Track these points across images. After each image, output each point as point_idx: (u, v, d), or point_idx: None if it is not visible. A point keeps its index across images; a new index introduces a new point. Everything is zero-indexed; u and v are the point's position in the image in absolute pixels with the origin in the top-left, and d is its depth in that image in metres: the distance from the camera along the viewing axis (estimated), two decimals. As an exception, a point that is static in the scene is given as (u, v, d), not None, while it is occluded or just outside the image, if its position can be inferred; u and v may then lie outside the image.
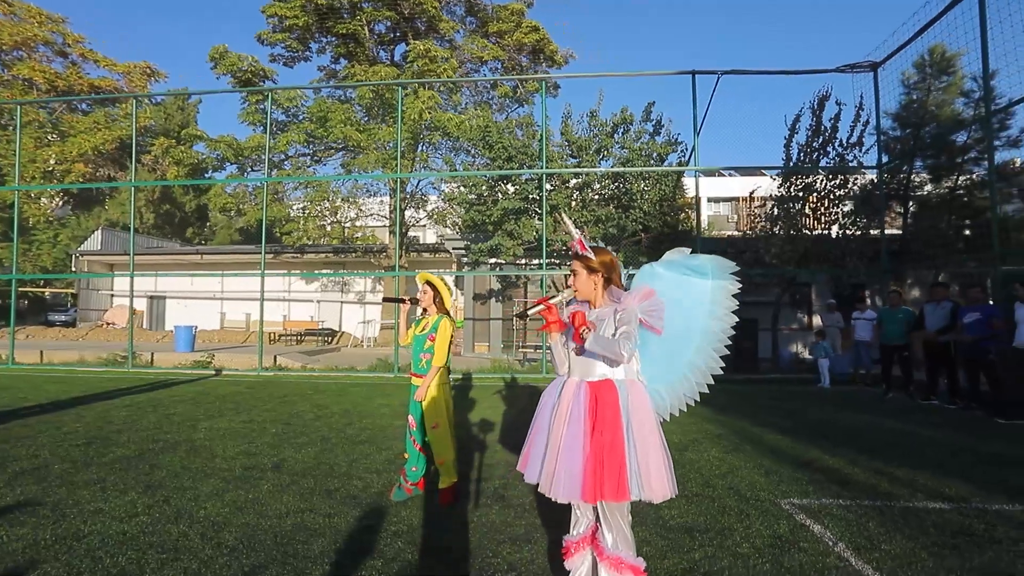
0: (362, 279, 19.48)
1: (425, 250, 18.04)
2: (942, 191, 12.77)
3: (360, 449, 4.77)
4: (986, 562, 2.71)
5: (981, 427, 6.17)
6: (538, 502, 3.46)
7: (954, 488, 3.85)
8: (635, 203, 11.53)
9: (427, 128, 14.16)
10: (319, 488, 3.69)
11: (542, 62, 18.09)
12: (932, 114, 12.68)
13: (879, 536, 2.99)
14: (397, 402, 7.30)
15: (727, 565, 2.61)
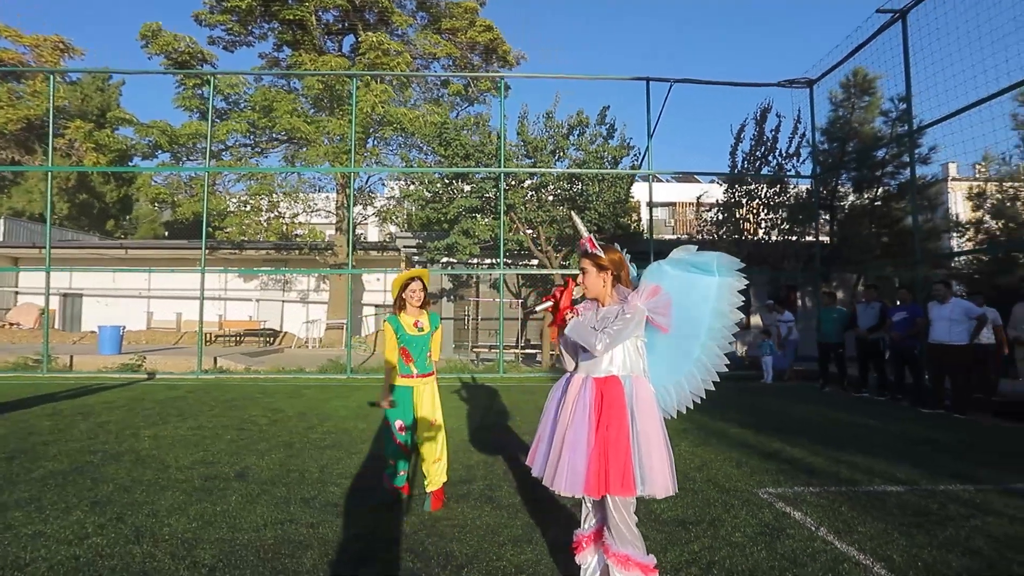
0: (305, 277, 18.65)
1: (372, 248, 17.53)
2: (864, 202, 13.88)
3: (329, 454, 4.53)
4: (948, 538, 2.93)
5: (909, 416, 6.74)
6: (528, 501, 3.42)
7: (903, 472, 4.17)
8: (590, 204, 11.72)
9: (379, 123, 13.75)
10: (294, 497, 3.47)
11: (494, 62, 18.06)
12: (855, 131, 13.77)
13: (853, 519, 3.17)
14: (354, 404, 7.03)
15: (726, 555, 2.68)
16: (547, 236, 12.25)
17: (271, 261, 18.13)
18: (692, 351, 2.28)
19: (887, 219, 13.53)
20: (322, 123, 13.43)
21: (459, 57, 16.74)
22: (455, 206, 11.29)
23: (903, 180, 12.74)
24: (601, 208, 11.93)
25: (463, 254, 11.41)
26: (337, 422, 5.89)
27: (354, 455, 4.51)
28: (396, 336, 3.40)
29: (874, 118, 13.86)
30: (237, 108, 14.08)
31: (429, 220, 11.86)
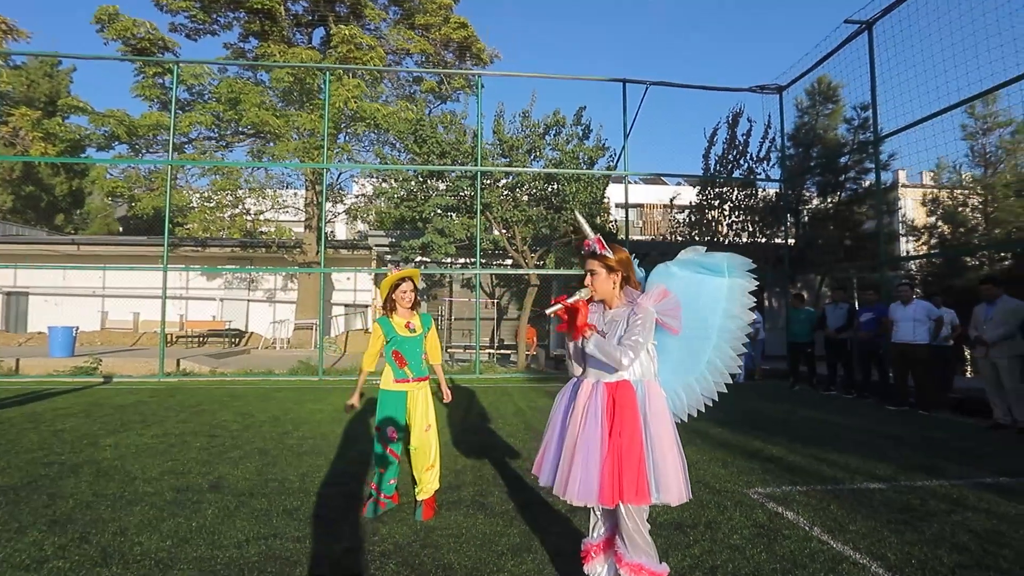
0: (272, 276, 18.06)
1: (342, 246, 17.11)
2: (827, 206, 14.36)
3: (308, 461, 4.35)
4: (935, 534, 3.00)
5: (876, 413, 6.98)
6: (521, 507, 3.34)
7: (882, 469, 4.28)
8: (567, 204, 11.72)
9: (351, 118, 13.40)
10: (276, 508, 3.29)
11: (468, 60, 17.91)
12: (820, 137, 14.24)
13: (843, 518, 3.21)
14: (330, 407, 6.80)
15: (728, 558, 2.66)
16: (522, 236, 12.20)
17: (236, 259, 17.48)
18: (703, 353, 2.24)
19: (849, 223, 14.04)
20: (291, 117, 13.00)
21: (432, 54, 16.51)
22: (430, 204, 11.10)
23: (864, 185, 13.23)
24: (577, 208, 11.96)
25: (438, 253, 11.24)
26: (313, 426, 5.68)
27: (335, 462, 4.34)
28: (387, 339, 3.28)
29: (837, 125, 14.35)
30: (201, 99, 13.48)
31: (403, 218, 11.62)
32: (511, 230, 12.18)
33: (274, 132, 12.93)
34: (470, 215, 12.92)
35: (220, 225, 15.94)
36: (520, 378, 10.53)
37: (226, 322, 16.48)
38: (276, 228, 14.87)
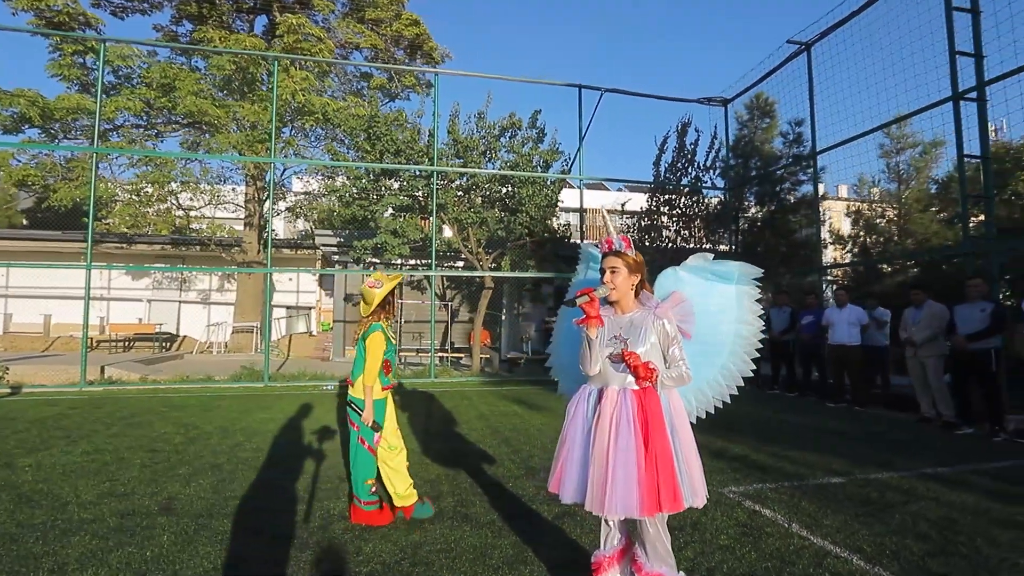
0: (206, 276, 16.92)
1: (285, 245, 16.30)
2: (764, 215, 15.20)
3: (268, 475, 4.04)
4: (899, 524, 3.18)
5: (818, 410, 7.42)
6: (507, 517, 3.25)
7: (836, 463, 4.52)
8: (523, 207, 11.71)
9: (298, 112, 12.77)
10: (241, 529, 3.02)
11: (419, 58, 17.59)
12: (757, 149, 15.07)
13: (816, 513, 3.35)
14: (282, 415, 6.41)
15: (721, 559, 2.69)
16: (477, 238, 12.08)
17: (166, 257, 16.22)
18: (717, 358, 2.25)
19: (784, 231, 14.92)
20: (232, 107, 12.21)
21: (382, 50, 16.08)
22: (384, 204, 10.76)
23: (798, 196, 14.11)
24: (532, 211, 11.97)
25: (392, 254, 10.92)
26: (267, 437, 5.31)
27: (298, 475, 4.06)
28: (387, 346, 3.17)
29: (773, 139, 15.25)
30: (129, 84, 12.39)
31: (355, 218, 11.19)
32: (465, 231, 12.03)
33: (212, 123, 12.09)
34: (423, 215, 12.66)
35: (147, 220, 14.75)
36: (476, 382, 10.41)
37: (155, 325, 15.23)
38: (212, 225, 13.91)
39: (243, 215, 15.03)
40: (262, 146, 12.27)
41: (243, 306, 15.15)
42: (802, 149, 13.02)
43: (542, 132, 12.14)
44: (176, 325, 16.81)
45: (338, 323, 14.17)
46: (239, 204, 14.93)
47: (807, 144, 12.69)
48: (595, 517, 3.13)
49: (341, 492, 3.66)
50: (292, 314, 17.35)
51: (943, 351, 6.49)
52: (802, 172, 13.57)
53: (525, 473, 4.17)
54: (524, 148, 11.79)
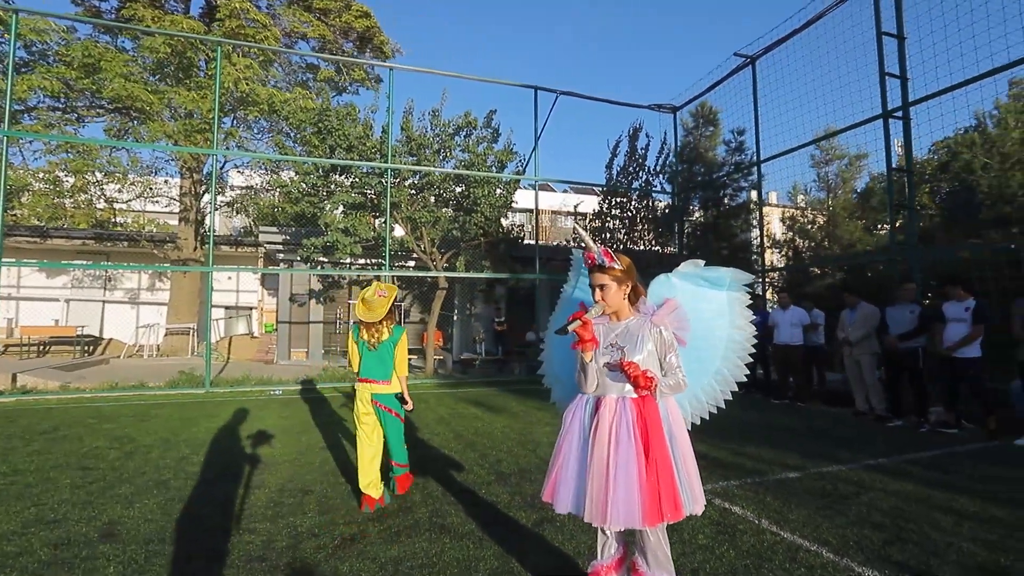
0: (134, 274, 15.66)
1: (225, 242, 15.36)
2: (708, 219, 15.88)
3: (222, 490, 3.77)
4: (856, 515, 3.37)
5: (764, 407, 7.79)
6: (485, 526, 3.18)
7: (790, 458, 4.75)
8: (477, 207, 11.62)
9: (241, 102, 12.05)
10: (200, 554, 2.78)
11: (368, 51, 17.10)
12: (701, 156, 15.72)
13: (781, 508, 3.49)
14: (230, 424, 6.02)
15: (703, 559, 2.75)
16: (430, 237, 11.88)
17: (88, 253, 14.86)
18: (711, 364, 2.28)
19: (726, 235, 15.65)
20: (167, 93, 11.34)
21: (331, 41, 15.49)
22: (335, 201, 10.36)
23: (738, 202, 14.82)
24: (487, 211, 11.90)
25: (343, 253, 10.53)
26: (216, 448, 4.96)
27: (257, 489, 3.81)
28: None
29: (716, 146, 15.96)
30: (45, 62, 11.23)
31: (303, 215, 10.71)
32: (419, 231, 11.79)
33: (144, 109, 11.18)
34: (375, 214, 12.30)
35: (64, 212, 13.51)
36: (430, 384, 10.23)
37: (76, 327, 13.92)
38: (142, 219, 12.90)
39: (178, 209, 14.02)
40: (201, 136, 11.49)
41: (177, 306, 14.15)
42: (743, 157, 13.69)
43: (497, 132, 12.10)
44: (99, 327, 15.46)
45: (283, 324, 13.52)
46: (173, 198, 13.92)
47: (748, 152, 13.37)
48: (579, 524, 3.13)
49: (307, 507, 3.47)
50: (232, 315, 16.39)
51: (875, 349, 6.98)
52: (743, 179, 14.26)
53: (496, 479, 4.11)
54: (479, 148, 11.70)
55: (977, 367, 5.73)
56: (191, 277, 14.11)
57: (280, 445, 5.12)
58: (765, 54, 9.95)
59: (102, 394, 8.13)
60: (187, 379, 8.74)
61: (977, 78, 6.81)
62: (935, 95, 7.35)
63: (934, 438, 5.74)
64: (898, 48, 7.80)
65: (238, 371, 10.46)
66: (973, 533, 3.09)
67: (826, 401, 8.15)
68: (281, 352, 13.55)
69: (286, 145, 11.96)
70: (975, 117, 12.44)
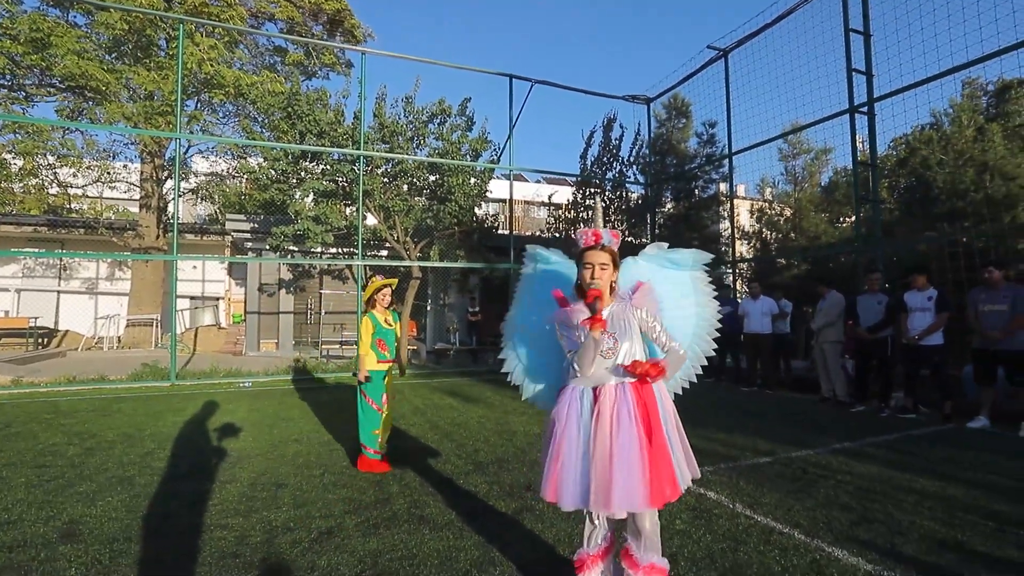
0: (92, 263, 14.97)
1: (190, 231, 14.81)
2: (680, 210, 16.11)
3: (190, 486, 3.65)
4: (824, 498, 3.48)
5: (734, 394, 7.99)
6: (464, 516, 3.16)
7: (760, 443, 4.88)
8: (451, 196, 11.49)
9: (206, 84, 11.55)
10: (170, 552, 2.68)
11: (338, 35, 16.65)
12: (674, 147, 15.90)
13: (753, 492, 3.58)
14: (198, 417, 5.83)
15: (682, 544, 2.79)
16: (404, 226, 11.70)
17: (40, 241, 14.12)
18: (683, 341, 2.29)
19: (697, 226, 15.92)
20: (124, 73, 10.79)
21: (300, 23, 15.01)
22: (305, 189, 10.09)
23: (709, 194, 15.08)
24: (461, 200, 11.77)
25: (313, 242, 10.28)
26: (184, 443, 4.80)
27: (228, 484, 3.70)
28: (375, 329, 4.19)
29: (688, 138, 16.16)
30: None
31: (272, 202, 10.39)
32: (392, 219, 11.60)
33: (99, 89, 10.61)
34: (347, 202, 12.04)
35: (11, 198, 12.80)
36: (406, 374, 10.11)
37: (28, 319, 13.23)
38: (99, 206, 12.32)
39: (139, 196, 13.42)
40: (162, 119, 10.99)
41: (139, 297, 13.61)
42: (715, 150, 13.90)
43: (471, 120, 11.95)
44: (55, 318, 14.76)
45: (251, 315, 13.18)
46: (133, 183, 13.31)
47: (720, 145, 13.58)
48: (559, 512, 3.14)
49: (281, 500, 3.39)
50: (198, 305, 15.86)
51: (839, 337, 7.22)
52: (714, 171, 14.51)
53: (474, 468, 4.10)
54: (453, 136, 11.54)
55: (941, 354, 5.98)
56: (154, 266, 13.58)
57: (251, 438, 4.99)
58: (738, 47, 10.08)
59: (59, 388, 7.77)
60: (151, 372, 8.43)
61: (937, 76, 7.06)
62: (899, 91, 7.58)
63: (894, 423, 5.97)
64: (864, 45, 8.00)
65: (205, 363, 10.15)
66: (933, 512, 3.23)
67: (792, 388, 8.40)
68: (250, 343, 13.22)
69: (254, 130, 11.54)
70: (932, 115, 12.89)
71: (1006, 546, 2.76)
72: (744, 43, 9.91)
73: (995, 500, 3.42)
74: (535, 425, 5.64)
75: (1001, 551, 2.70)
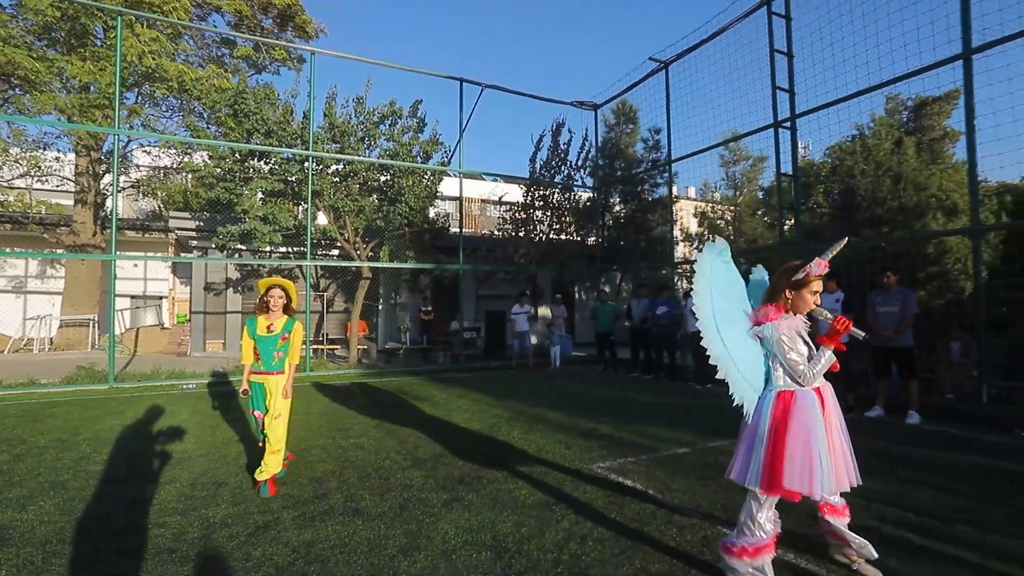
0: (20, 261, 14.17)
1: (130, 227, 14.25)
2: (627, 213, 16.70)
3: (127, 489, 3.70)
4: (728, 483, 3.85)
5: (669, 389, 8.49)
6: (398, 507, 3.37)
7: (683, 436, 5.30)
8: (402, 197, 11.58)
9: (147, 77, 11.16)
10: (106, 551, 2.78)
11: (290, 30, 16.37)
12: (621, 152, 16.48)
13: (666, 480, 3.95)
14: (138, 421, 5.78)
15: (592, 526, 3.10)
16: (354, 227, 11.71)
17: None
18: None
19: (643, 228, 16.56)
20: (57, 62, 10.31)
21: (248, 16, 14.69)
22: (253, 188, 9.97)
23: (655, 197, 15.71)
24: (412, 201, 11.87)
25: (261, 242, 10.18)
26: (122, 446, 4.79)
27: (167, 485, 3.78)
28: (251, 336, 3.80)
29: (635, 143, 16.77)
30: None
31: (218, 201, 10.20)
32: (342, 219, 11.59)
33: (28, 78, 10.10)
34: (296, 201, 11.93)
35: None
36: (354, 374, 10.19)
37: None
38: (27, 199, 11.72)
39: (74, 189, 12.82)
40: (99, 112, 10.58)
41: (74, 296, 13.01)
42: (659, 155, 14.52)
43: (422, 122, 12.06)
44: (-23, 319, 13.90)
45: (197, 314, 12.85)
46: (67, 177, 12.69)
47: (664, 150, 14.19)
48: (486, 501, 3.44)
49: (221, 499, 3.51)
50: (139, 305, 15.27)
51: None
52: (659, 176, 15.13)
53: (412, 464, 4.31)
54: (404, 137, 11.63)
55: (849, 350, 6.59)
56: (90, 264, 13.02)
57: (193, 440, 5.02)
58: (677, 60, 10.62)
59: (-16, 393, 7.45)
60: (87, 375, 8.17)
61: (855, 95, 7.72)
62: (819, 108, 8.24)
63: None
64: (788, 65, 8.63)
65: (147, 365, 9.89)
66: (816, 492, 3.67)
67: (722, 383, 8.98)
68: (196, 344, 12.89)
69: (199, 126, 11.25)
70: (856, 128, 13.92)
71: (867, 517, 3.22)
72: (683, 56, 10.46)
73: (870, 480, 3.91)
74: (476, 422, 5.90)
75: (862, 521, 3.14)
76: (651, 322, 9.79)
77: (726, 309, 2.57)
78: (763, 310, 2.53)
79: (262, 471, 3.67)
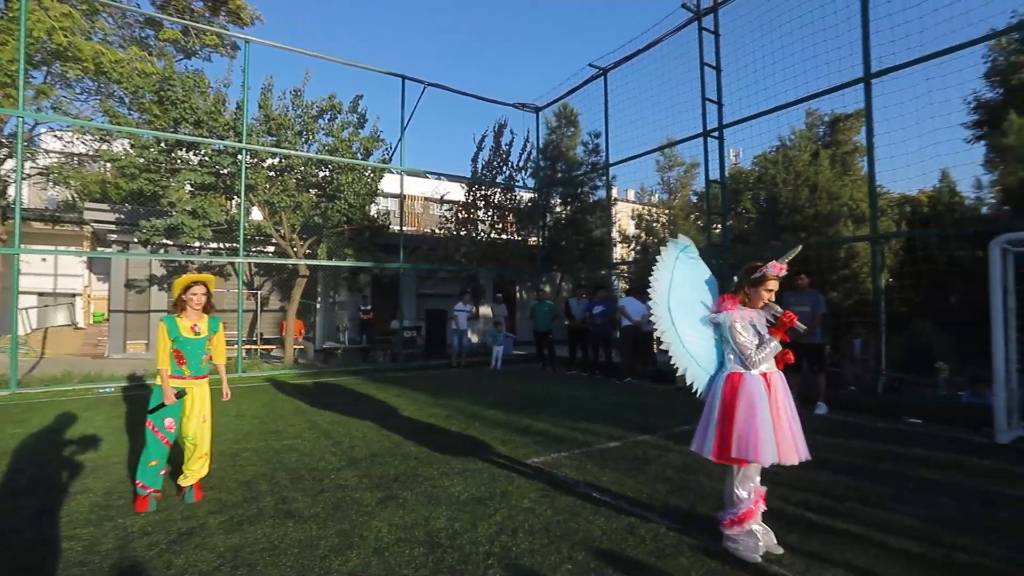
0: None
1: (36, 218, 13.07)
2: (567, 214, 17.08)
3: (32, 501, 3.46)
4: (653, 474, 4.12)
5: (604, 385, 8.80)
6: (331, 507, 3.36)
7: (614, 431, 5.54)
8: (341, 194, 11.32)
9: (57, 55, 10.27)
10: (13, 569, 2.61)
11: (223, 15, 15.57)
12: (562, 154, 16.84)
13: (597, 472, 4.14)
14: (44, 428, 5.38)
15: (524, 519, 3.22)
16: (291, 223, 11.34)
17: None
18: None
19: (583, 229, 17.00)
20: (-52, 36, 9.28)
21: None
22: (180, 180, 9.43)
23: (594, 199, 16.16)
24: (351, 198, 11.61)
25: (189, 237, 9.66)
26: (24, 456, 4.45)
27: (78, 495, 3.56)
28: (171, 338, 3.46)
29: (576, 146, 17.18)
30: None
31: (141, 192, 9.57)
32: (278, 215, 11.19)
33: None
34: (228, 195, 11.40)
35: None
36: (291, 374, 9.88)
37: None
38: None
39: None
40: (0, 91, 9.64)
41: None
42: (599, 159, 14.95)
43: (363, 118, 11.82)
44: None
45: (116, 313, 12.00)
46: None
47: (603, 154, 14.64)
48: (419, 498, 3.50)
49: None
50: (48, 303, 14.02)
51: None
52: (599, 178, 15.57)
53: (347, 464, 4.28)
54: (344, 133, 11.37)
55: None
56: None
57: (109, 447, 4.74)
58: (615, 68, 11.00)
59: None
60: (-16, 380, 7.45)
61: (775, 109, 8.29)
62: (744, 120, 8.79)
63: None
64: (716, 78, 9.15)
65: (57, 367, 9.14)
66: (731, 478, 3.96)
67: (654, 379, 9.40)
68: (114, 345, 12.04)
69: (119, 112, 10.51)
70: (779, 139, 14.92)
71: (772, 499, 3.52)
72: (620, 64, 10.85)
73: (778, 467, 4.27)
74: (414, 421, 5.91)
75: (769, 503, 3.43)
76: (588, 321, 10.09)
77: (684, 298, 2.94)
78: (722, 301, 2.89)
79: (186, 476, 3.51)
